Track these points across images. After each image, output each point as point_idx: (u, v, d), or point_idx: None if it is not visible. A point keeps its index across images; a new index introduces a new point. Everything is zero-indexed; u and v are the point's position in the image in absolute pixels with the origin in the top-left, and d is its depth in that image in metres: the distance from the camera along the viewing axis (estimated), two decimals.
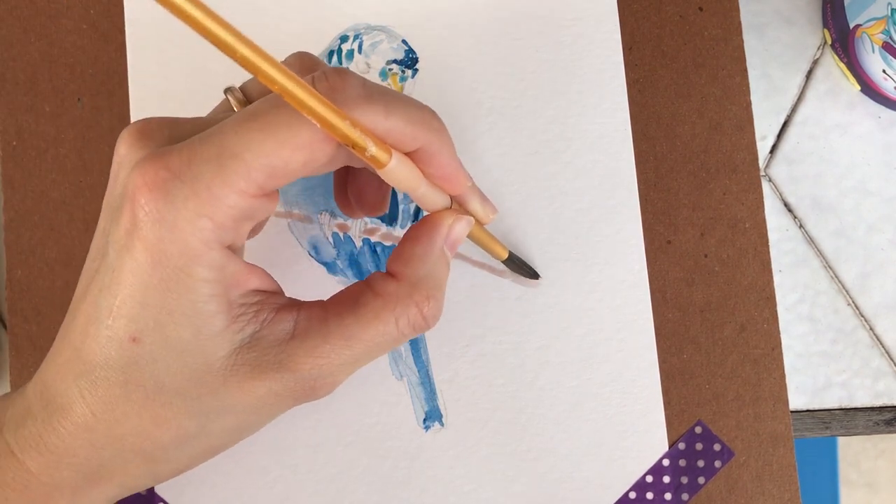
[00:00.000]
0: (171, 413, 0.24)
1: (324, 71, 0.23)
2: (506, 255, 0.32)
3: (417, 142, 0.24)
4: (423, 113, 0.24)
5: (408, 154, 0.24)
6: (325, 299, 0.26)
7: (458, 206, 0.27)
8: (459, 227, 0.27)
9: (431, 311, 0.26)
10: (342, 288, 0.27)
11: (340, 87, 0.22)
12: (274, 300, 0.25)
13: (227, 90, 0.25)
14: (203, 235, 0.22)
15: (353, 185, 0.29)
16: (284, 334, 0.24)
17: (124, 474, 0.25)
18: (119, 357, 0.23)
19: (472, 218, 0.28)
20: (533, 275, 0.35)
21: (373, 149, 0.23)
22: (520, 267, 0.34)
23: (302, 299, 0.26)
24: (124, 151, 0.23)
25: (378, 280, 0.26)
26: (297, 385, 0.24)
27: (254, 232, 0.28)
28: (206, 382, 0.24)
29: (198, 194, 0.22)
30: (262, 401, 0.24)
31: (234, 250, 0.24)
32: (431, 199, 0.26)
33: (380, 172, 0.24)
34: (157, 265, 0.22)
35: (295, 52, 0.26)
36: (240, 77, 0.25)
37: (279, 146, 0.22)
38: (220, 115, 0.25)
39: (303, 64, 0.26)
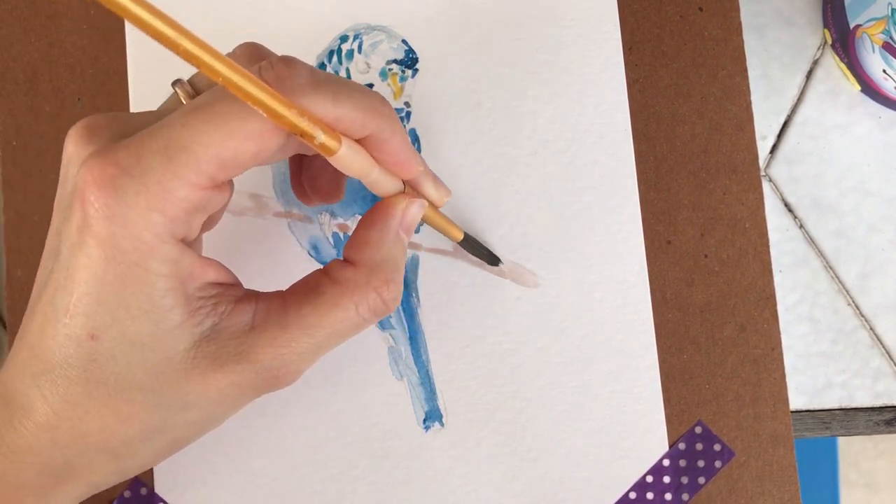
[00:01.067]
0: (134, 409, 0.24)
1: (270, 60, 0.23)
2: (461, 237, 0.32)
3: (367, 128, 0.24)
4: (373, 100, 0.24)
5: (358, 140, 0.24)
6: (283, 290, 0.26)
7: (411, 190, 0.27)
8: (413, 210, 0.27)
9: (391, 295, 0.26)
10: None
11: (287, 75, 0.22)
12: (232, 292, 0.25)
13: (175, 83, 0.25)
14: (155, 229, 0.22)
15: (307, 173, 0.29)
16: (244, 325, 0.24)
17: (90, 472, 0.25)
18: (78, 355, 0.23)
19: (425, 201, 0.28)
20: (492, 259, 0.35)
21: (322, 137, 0.22)
22: (477, 250, 0.34)
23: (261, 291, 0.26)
24: (72, 149, 0.23)
25: (336, 267, 0.26)
26: (259, 375, 0.24)
27: (209, 225, 0.27)
28: (167, 377, 0.23)
29: (148, 188, 0.22)
30: (225, 393, 0.24)
31: (188, 243, 0.24)
32: (384, 184, 0.26)
33: (330, 160, 0.24)
34: (112, 261, 0.22)
35: (243, 42, 0.26)
36: None
37: (228, 137, 0.22)
38: (169, 109, 0.25)
39: (251, 54, 0.25)
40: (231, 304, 0.24)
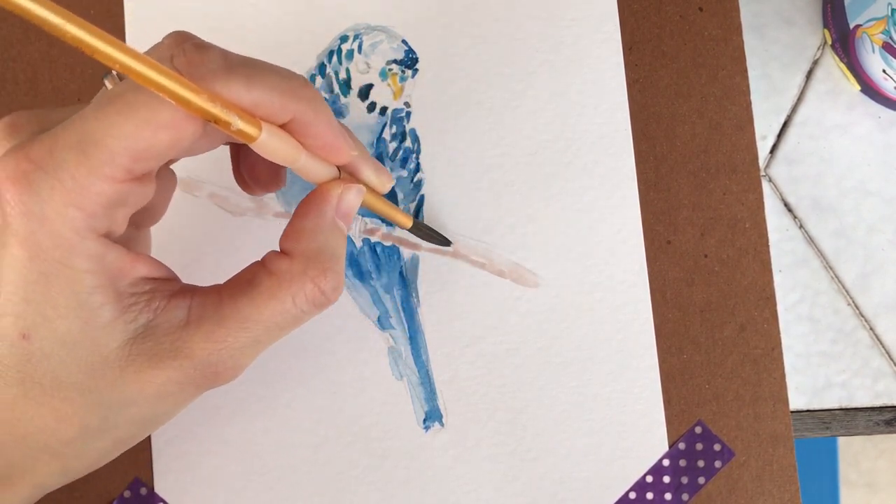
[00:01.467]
0: (72, 408, 0.23)
1: (183, 46, 0.22)
2: (410, 224, 0.32)
3: (288, 112, 0.23)
4: (292, 82, 0.23)
5: (282, 126, 0.24)
6: (220, 283, 0.25)
7: (347, 176, 0.27)
8: (350, 197, 0.26)
9: (330, 285, 0.25)
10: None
11: (198, 61, 0.22)
12: (167, 287, 0.24)
13: (106, 76, 0.24)
14: (74, 225, 0.21)
15: (245, 162, 0.28)
16: (179, 321, 0.24)
17: (33, 474, 0.24)
18: (11, 355, 0.22)
19: (362, 187, 0.27)
20: (444, 241, 0.35)
21: (238, 123, 0.22)
22: (429, 235, 0.34)
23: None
24: None
25: (272, 259, 0.25)
26: (197, 372, 0.24)
27: (150, 218, 0.27)
28: (102, 375, 0.23)
29: (62, 183, 0.21)
30: (163, 390, 0.24)
31: (117, 239, 0.23)
32: (315, 170, 0.25)
33: (252, 146, 0.23)
34: (35, 259, 0.22)
35: (171, 32, 0.25)
36: None
37: (140, 127, 0.21)
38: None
39: (178, 43, 0.24)
40: (165, 300, 0.24)
